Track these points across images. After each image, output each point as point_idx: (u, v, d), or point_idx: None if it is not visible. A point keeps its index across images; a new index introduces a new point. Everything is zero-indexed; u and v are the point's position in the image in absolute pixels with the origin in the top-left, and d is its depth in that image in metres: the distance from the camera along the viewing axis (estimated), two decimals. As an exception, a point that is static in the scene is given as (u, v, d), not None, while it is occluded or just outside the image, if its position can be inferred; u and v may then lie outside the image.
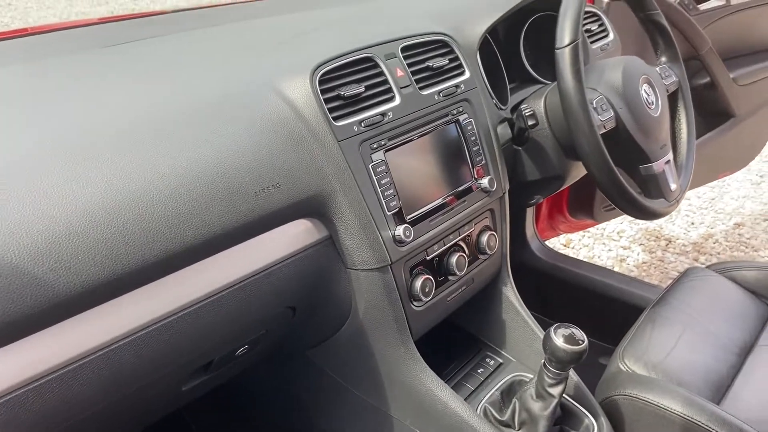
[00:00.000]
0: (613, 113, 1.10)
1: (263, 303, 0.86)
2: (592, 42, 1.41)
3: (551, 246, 2.53)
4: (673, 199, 1.19)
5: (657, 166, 1.16)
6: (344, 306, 0.96)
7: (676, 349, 1.18)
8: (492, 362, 1.17)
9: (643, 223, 2.74)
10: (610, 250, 2.57)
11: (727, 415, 1.04)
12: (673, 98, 1.27)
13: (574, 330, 0.96)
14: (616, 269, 2.44)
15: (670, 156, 1.20)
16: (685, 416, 1.02)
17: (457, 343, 1.22)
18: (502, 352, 1.19)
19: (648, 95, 1.15)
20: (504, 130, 1.19)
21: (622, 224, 2.71)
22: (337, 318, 0.98)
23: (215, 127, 0.78)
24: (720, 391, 1.13)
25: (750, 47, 2.12)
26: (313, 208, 0.86)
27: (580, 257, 2.51)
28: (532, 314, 1.24)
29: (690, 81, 2.00)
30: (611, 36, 1.46)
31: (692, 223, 2.75)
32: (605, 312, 1.64)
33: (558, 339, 0.95)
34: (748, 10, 1.98)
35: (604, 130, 1.08)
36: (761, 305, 1.33)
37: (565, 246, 2.58)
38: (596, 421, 1.05)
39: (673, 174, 1.20)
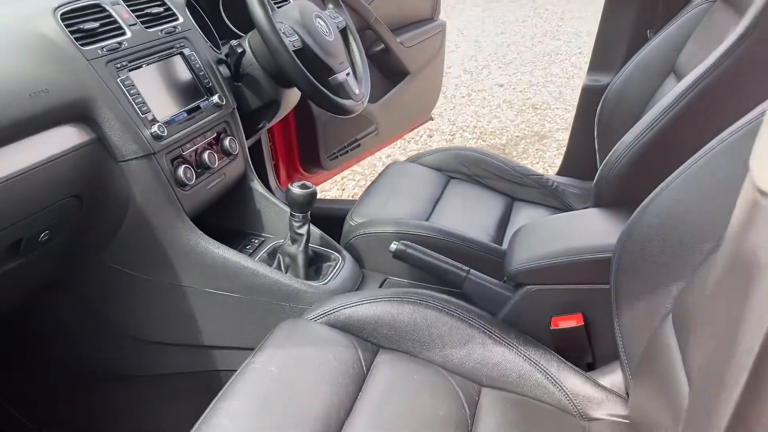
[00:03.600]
0: (298, 37, 1.48)
1: (52, 190, 1.05)
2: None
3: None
4: (359, 100, 1.62)
5: (340, 76, 1.57)
6: (122, 197, 1.18)
7: (387, 204, 1.60)
8: (257, 241, 1.47)
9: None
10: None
11: (425, 222, 1.47)
12: (344, 33, 1.71)
13: (305, 182, 1.31)
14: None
15: (349, 70, 1.63)
16: (396, 231, 1.43)
17: (227, 238, 1.49)
18: (264, 234, 1.49)
19: (322, 26, 1.56)
20: (223, 71, 1.51)
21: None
22: (119, 208, 1.20)
23: None
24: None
25: (411, 17, 2.74)
26: (80, 111, 1.09)
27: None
28: None
29: (369, 49, 2.55)
30: None
31: (408, 175, 3.35)
32: None
33: (295, 189, 1.29)
34: (400, -13, 2.57)
35: (294, 48, 1.45)
36: (441, 175, 1.83)
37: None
38: (340, 254, 1.42)
39: (354, 82, 1.63)
